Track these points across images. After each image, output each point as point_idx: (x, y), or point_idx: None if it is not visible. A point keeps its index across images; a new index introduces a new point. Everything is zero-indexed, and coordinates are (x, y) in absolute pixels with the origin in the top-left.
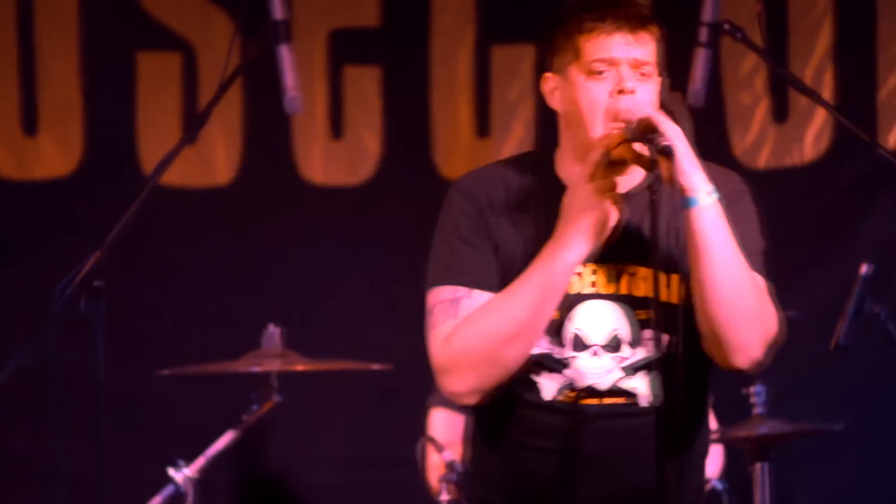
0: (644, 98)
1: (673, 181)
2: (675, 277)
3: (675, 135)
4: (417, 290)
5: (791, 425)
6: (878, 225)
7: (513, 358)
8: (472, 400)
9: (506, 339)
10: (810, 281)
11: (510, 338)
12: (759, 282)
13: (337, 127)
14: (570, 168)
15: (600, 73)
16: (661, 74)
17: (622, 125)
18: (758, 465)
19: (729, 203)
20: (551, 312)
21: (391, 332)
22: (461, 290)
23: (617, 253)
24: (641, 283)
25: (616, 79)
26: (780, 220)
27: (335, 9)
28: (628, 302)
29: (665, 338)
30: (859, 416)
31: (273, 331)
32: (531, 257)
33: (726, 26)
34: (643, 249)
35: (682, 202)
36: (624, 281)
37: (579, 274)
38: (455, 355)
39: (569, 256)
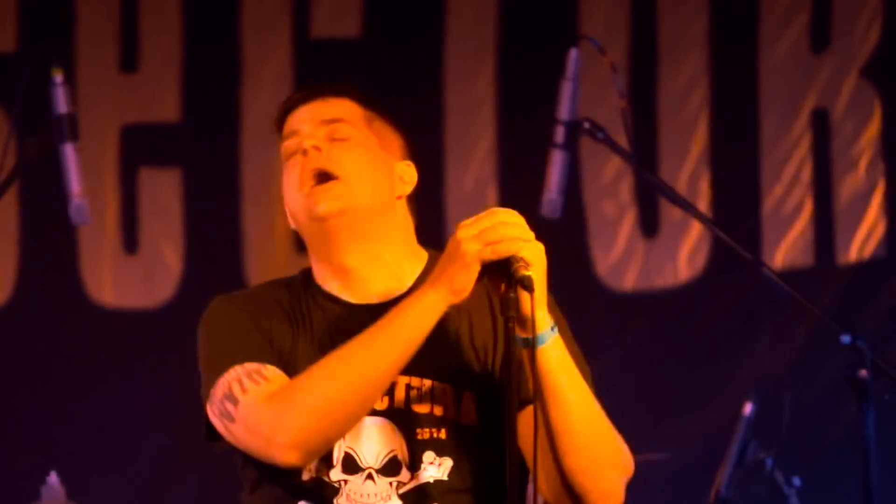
0: (343, 159)
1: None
2: (467, 395)
3: (536, 261)
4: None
5: None
6: (762, 356)
7: (352, 410)
8: (303, 460)
9: (344, 387)
10: (685, 421)
11: (349, 385)
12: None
13: (131, 239)
14: (332, 279)
15: (290, 152)
16: (400, 156)
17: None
18: None
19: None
20: (399, 362)
21: (196, 480)
22: (252, 365)
23: None
24: (424, 397)
25: (299, 144)
26: (650, 350)
27: (128, 101)
28: (406, 418)
29: (449, 462)
30: None
31: (54, 481)
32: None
33: (586, 125)
34: (427, 360)
35: (524, 341)
36: (400, 393)
37: None
38: (290, 403)
39: (421, 305)
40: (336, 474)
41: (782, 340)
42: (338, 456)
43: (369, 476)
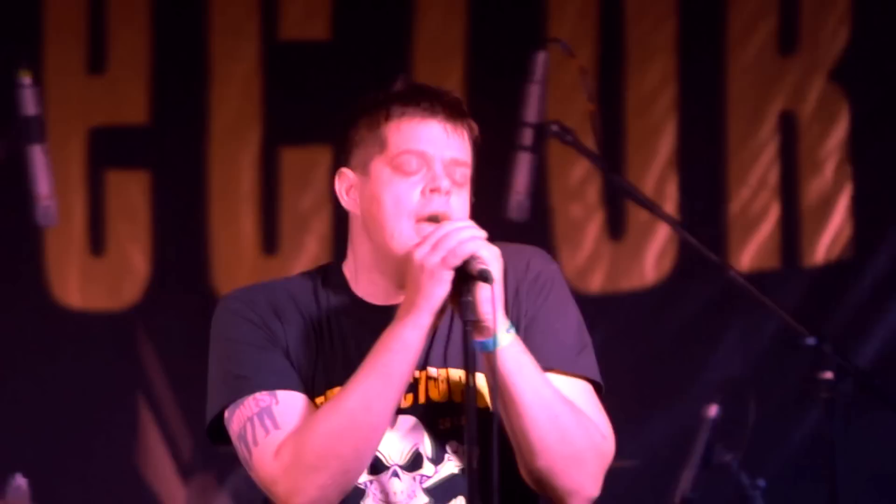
0: (458, 207)
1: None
2: (480, 376)
3: (492, 260)
4: (194, 437)
5: None
6: (727, 359)
7: (364, 456)
8: None
9: (350, 437)
10: (650, 424)
11: (354, 435)
12: (587, 395)
13: (98, 241)
14: (367, 279)
15: (410, 168)
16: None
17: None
18: None
19: (541, 295)
20: (398, 398)
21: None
22: (263, 397)
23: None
24: (442, 386)
25: (428, 177)
26: (616, 352)
27: (96, 103)
28: (428, 411)
29: (475, 451)
30: None
31: (20, 483)
32: (326, 382)
33: (554, 128)
34: (438, 349)
35: (480, 345)
36: (421, 388)
37: None
38: (299, 464)
39: (408, 334)
40: (363, 476)
41: (748, 342)
42: None
43: (395, 474)
